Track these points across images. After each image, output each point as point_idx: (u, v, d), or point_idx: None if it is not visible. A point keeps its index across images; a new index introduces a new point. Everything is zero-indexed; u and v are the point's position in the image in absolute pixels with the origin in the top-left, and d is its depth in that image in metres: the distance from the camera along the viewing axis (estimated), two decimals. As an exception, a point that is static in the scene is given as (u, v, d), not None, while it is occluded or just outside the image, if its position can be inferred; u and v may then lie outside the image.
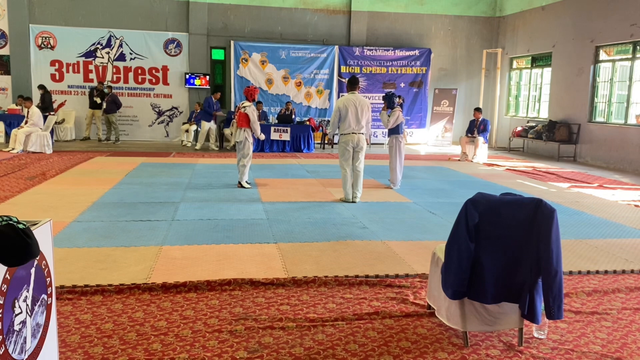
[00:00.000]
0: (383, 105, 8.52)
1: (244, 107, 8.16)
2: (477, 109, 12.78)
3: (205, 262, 4.58)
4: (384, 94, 8.60)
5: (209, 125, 13.78)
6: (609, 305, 3.87)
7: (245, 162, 8.25)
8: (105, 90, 14.19)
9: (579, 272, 4.58)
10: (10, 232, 2.00)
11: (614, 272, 4.63)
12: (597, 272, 4.61)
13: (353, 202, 7.34)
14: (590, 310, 3.77)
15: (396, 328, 3.39)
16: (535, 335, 3.31)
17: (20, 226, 2.05)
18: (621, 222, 6.58)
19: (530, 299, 3.03)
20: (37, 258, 2.29)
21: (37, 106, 12.77)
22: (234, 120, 9.22)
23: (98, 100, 14.20)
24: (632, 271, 4.66)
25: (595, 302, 3.93)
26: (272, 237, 5.44)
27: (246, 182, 8.30)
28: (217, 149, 13.70)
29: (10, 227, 2.01)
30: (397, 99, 8.62)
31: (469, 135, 12.64)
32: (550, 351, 3.14)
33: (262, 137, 8.67)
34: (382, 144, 15.47)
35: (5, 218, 2.07)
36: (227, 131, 13.81)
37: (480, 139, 12.32)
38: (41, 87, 13.94)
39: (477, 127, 12.45)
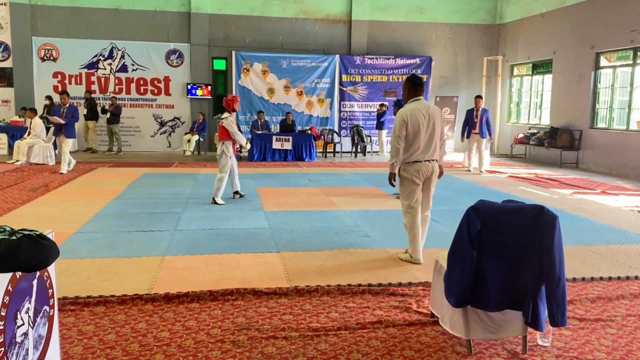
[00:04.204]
0: (381, 110, 8.54)
1: (221, 119, 7.70)
2: (478, 97, 11.60)
3: (208, 272, 4.58)
4: (394, 101, 8.59)
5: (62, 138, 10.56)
6: (613, 312, 3.85)
7: (220, 177, 7.60)
8: (105, 102, 14.25)
9: (583, 279, 4.56)
10: (32, 243, 2.11)
11: (618, 278, 4.60)
12: (601, 278, 4.58)
13: (417, 262, 4.97)
14: (594, 317, 3.74)
15: (399, 337, 3.37)
16: (540, 342, 3.30)
17: (34, 233, 2.14)
18: (624, 228, 6.56)
19: (533, 307, 3.01)
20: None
21: (41, 116, 12.85)
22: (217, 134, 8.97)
23: (85, 111, 14.24)
24: (637, 277, 4.63)
25: (600, 308, 3.91)
26: (275, 247, 5.44)
27: (220, 198, 7.67)
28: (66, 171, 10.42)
29: (30, 239, 2.11)
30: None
31: (470, 131, 11.40)
32: (555, 359, 3.12)
33: (248, 146, 8.52)
34: (377, 151, 15.52)
35: (12, 229, 2.15)
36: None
37: (483, 141, 11.39)
38: (48, 97, 14.09)
39: (479, 120, 11.24)
